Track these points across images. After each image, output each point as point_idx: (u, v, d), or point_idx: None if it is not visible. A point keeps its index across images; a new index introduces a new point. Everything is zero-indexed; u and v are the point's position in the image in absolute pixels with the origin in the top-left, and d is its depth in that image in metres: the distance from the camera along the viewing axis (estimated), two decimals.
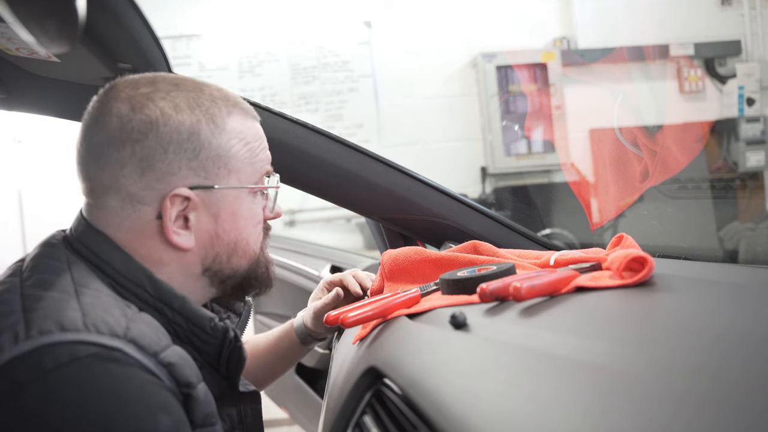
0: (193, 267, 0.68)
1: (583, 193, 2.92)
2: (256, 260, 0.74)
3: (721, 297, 0.59)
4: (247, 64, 3.20)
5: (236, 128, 0.69)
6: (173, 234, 0.65)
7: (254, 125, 0.72)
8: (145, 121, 0.63)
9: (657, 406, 0.34)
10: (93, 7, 0.52)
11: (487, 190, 3.25)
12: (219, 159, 0.67)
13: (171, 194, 0.64)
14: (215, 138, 0.66)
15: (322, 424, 0.67)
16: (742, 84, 3.10)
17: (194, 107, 0.66)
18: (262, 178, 0.73)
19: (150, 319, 0.61)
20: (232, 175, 0.68)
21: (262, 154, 0.73)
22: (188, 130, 0.65)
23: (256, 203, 0.72)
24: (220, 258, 0.69)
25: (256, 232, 0.73)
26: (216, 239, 0.68)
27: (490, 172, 3.22)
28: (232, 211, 0.68)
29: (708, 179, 2.95)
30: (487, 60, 3.19)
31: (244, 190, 0.70)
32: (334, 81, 3.25)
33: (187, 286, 0.68)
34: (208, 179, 0.66)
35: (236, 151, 0.68)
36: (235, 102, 0.70)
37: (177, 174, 0.64)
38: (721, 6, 3.32)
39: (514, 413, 0.37)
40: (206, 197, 0.66)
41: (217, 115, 0.67)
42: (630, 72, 3.27)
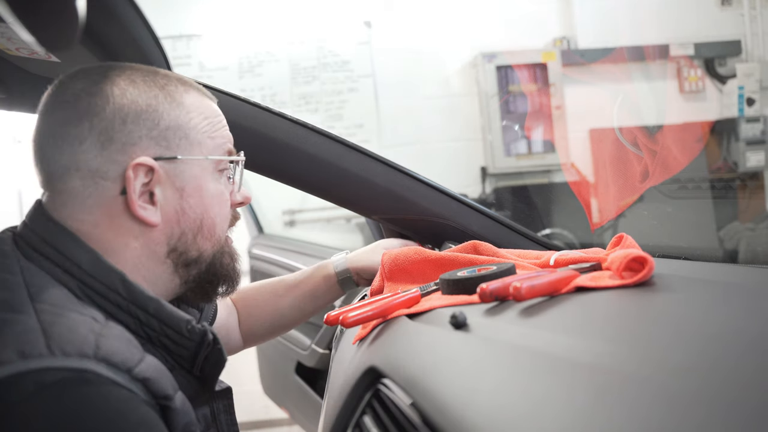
0: (159, 248, 0.66)
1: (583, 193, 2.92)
2: (220, 247, 0.71)
3: (721, 297, 0.59)
4: (247, 64, 3.20)
5: (194, 104, 0.68)
6: (139, 208, 0.63)
7: (212, 104, 0.72)
8: (101, 95, 0.62)
9: (657, 406, 0.34)
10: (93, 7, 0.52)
11: (487, 190, 3.25)
12: (179, 129, 0.66)
13: (133, 164, 0.62)
14: (173, 110, 0.66)
15: (322, 424, 0.67)
16: (742, 84, 3.10)
17: (150, 83, 0.65)
18: (225, 155, 0.71)
19: (120, 331, 0.57)
20: (194, 147, 0.67)
21: (223, 130, 0.71)
22: (145, 102, 0.64)
23: (221, 183, 0.70)
24: (186, 237, 0.67)
25: (223, 213, 0.71)
26: (182, 215, 0.66)
27: (490, 172, 3.22)
28: (197, 185, 0.67)
29: (708, 179, 2.95)
30: (487, 60, 3.19)
31: (209, 164, 0.68)
32: (334, 81, 3.25)
33: (152, 272, 0.66)
34: (170, 150, 0.65)
35: (196, 123, 0.67)
36: (191, 83, 0.70)
37: (138, 144, 0.63)
38: (721, 6, 3.32)
39: (513, 413, 0.37)
40: (170, 169, 0.65)
41: (173, 92, 0.67)
42: (630, 72, 3.27)
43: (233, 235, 0.77)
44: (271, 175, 1.02)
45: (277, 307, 1.00)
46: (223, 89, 0.97)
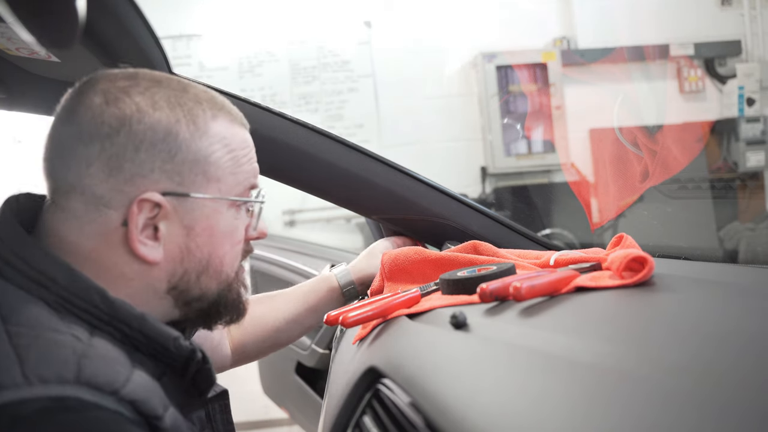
0: (159, 284, 0.61)
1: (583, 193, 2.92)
2: (228, 285, 0.66)
3: (720, 297, 0.59)
4: (247, 64, 3.20)
5: (220, 133, 0.62)
6: (139, 244, 0.58)
7: (241, 133, 0.66)
8: (118, 116, 0.57)
9: (657, 406, 0.34)
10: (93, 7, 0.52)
11: (487, 190, 3.24)
12: (197, 164, 0.60)
13: (139, 198, 0.57)
14: (195, 141, 0.60)
15: (322, 424, 0.67)
16: (742, 84, 3.10)
17: (174, 106, 0.60)
18: (246, 191, 0.66)
19: (105, 348, 0.53)
20: (211, 184, 0.61)
21: (248, 165, 0.66)
22: (165, 129, 0.58)
23: (238, 219, 0.65)
24: (189, 276, 0.62)
25: (234, 252, 0.66)
26: (187, 254, 0.61)
27: (490, 172, 3.22)
28: (208, 225, 0.62)
29: (708, 179, 2.95)
30: (487, 60, 3.19)
31: (224, 202, 0.63)
32: (334, 81, 3.25)
33: (147, 305, 0.61)
34: (183, 186, 0.60)
35: (218, 157, 0.62)
36: (222, 105, 0.64)
37: (148, 177, 0.58)
38: (721, 6, 3.32)
39: (514, 413, 0.37)
40: (180, 206, 0.60)
41: (199, 117, 0.61)
42: (630, 72, 3.27)
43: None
44: (271, 175, 1.02)
45: (276, 321, 0.96)
46: (223, 89, 0.97)
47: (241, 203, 0.65)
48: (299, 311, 0.96)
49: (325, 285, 0.97)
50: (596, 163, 3.18)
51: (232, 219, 0.64)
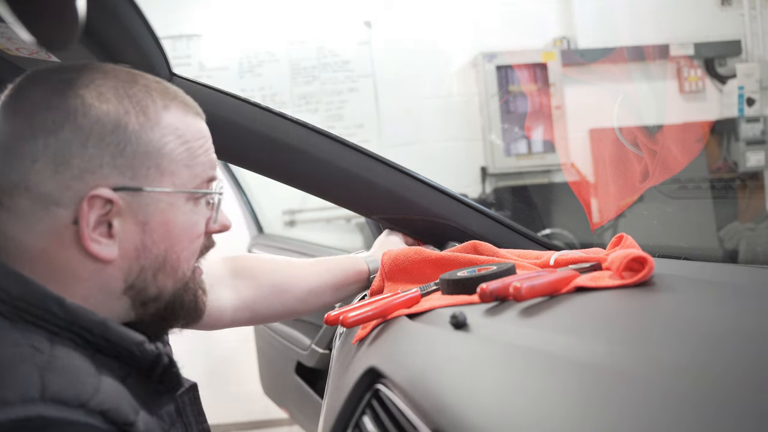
0: (115, 283, 0.58)
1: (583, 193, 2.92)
2: (184, 284, 0.63)
3: (720, 297, 0.59)
4: (247, 64, 3.20)
5: (172, 123, 0.60)
6: (91, 242, 0.55)
7: (196, 123, 0.63)
8: (62, 109, 0.55)
9: (657, 406, 0.34)
10: (93, 7, 0.52)
11: (487, 190, 3.24)
12: (149, 157, 0.58)
13: (89, 195, 0.54)
14: (146, 133, 0.57)
15: (322, 424, 0.67)
16: (742, 84, 3.10)
17: (123, 97, 0.57)
18: (204, 183, 0.63)
19: (68, 356, 0.51)
20: (165, 178, 0.59)
21: (204, 156, 0.63)
22: (113, 121, 0.56)
23: (196, 213, 0.62)
24: (145, 274, 0.59)
25: (192, 247, 0.63)
26: (143, 251, 0.59)
27: (490, 172, 3.22)
28: (164, 220, 0.59)
29: (708, 179, 2.95)
30: (487, 60, 3.19)
31: (180, 195, 0.60)
32: (334, 81, 3.25)
33: (105, 306, 0.58)
34: (135, 180, 0.57)
35: (171, 149, 0.59)
36: (175, 95, 0.62)
37: (98, 172, 0.55)
38: (721, 6, 3.32)
39: (513, 413, 0.37)
40: (133, 201, 0.57)
41: (150, 108, 0.58)
42: (630, 72, 3.27)
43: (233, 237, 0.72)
44: (271, 175, 1.02)
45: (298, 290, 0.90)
46: (223, 89, 0.97)
47: (200, 196, 0.63)
48: (323, 287, 0.92)
49: (354, 267, 0.94)
50: (596, 163, 3.19)
51: (190, 213, 0.62)
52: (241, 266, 0.90)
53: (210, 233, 0.66)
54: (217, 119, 0.96)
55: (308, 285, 0.91)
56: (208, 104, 0.95)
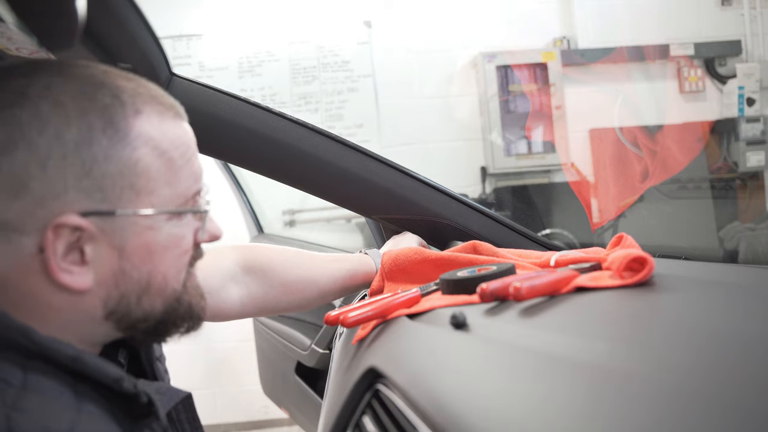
0: (94, 311, 0.52)
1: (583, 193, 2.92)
2: (176, 299, 0.57)
3: (721, 297, 0.59)
4: (247, 64, 3.20)
5: (146, 133, 0.51)
6: (61, 272, 0.49)
7: (174, 128, 0.54)
8: (12, 126, 0.47)
9: (657, 406, 0.34)
10: (93, 7, 0.52)
11: (487, 190, 3.25)
12: (121, 176, 0.50)
13: (54, 224, 0.47)
14: (114, 148, 0.50)
15: (322, 424, 0.67)
16: (742, 84, 3.10)
17: (85, 107, 0.49)
18: (188, 200, 0.56)
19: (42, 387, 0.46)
20: (142, 198, 0.51)
21: (186, 168, 0.55)
22: (75, 138, 0.48)
23: (181, 227, 0.55)
24: (128, 299, 0.53)
25: (179, 263, 0.56)
26: (121, 277, 0.52)
27: (490, 172, 3.22)
28: (143, 243, 0.52)
29: (708, 179, 2.96)
30: (487, 60, 3.19)
31: (160, 216, 0.53)
32: (334, 81, 3.25)
33: (87, 332, 0.53)
34: (106, 202, 0.50)
35: (146, 165, 0.51)
36: (150, 97, 0.53)
37: (62, 196, 0.48)
38: (721, 6, 3.32)
39: (513, 413, 0.37)
40: (106, 225, 0.50)
41: (117, 116, 0.50)
42: (630, 72, 3.27)
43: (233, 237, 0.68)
44: (272, 175, 1.02)
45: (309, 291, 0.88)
46: (223, 89, 0.97)
47: (184, 212, 0.55)
48: (333, 289, 0.90)
49: (363, 269, 0.91)
50: (596, 163, 3.19)
51: (173, 230, 0.55)
52: (254, 260, 0.86)
53: (198, 245, 0.60)
54: (217, 119, 0.96)
55: (318, 286, 0.89)
56: (208, 104, 0.95)
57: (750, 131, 3.03)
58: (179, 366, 3.21)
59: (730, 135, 3.08)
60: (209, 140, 0.98)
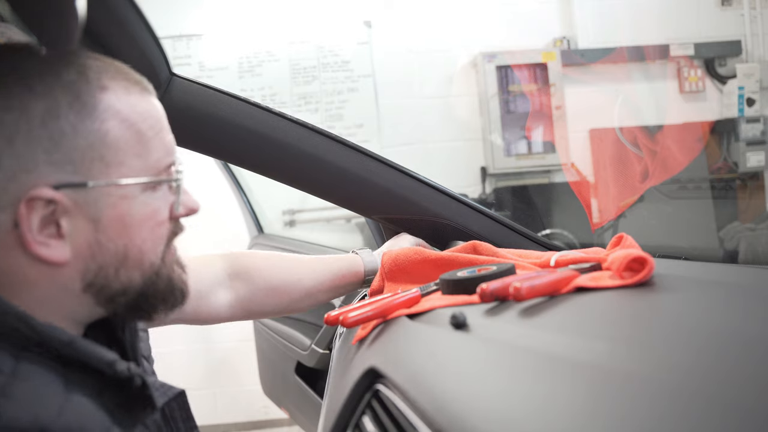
0: (72, 284, 0.53)
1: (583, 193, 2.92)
2: (155, 272, 0.57)
3: (721, 297, 0.59)
4: (247, 64, 3.20)
5: (113, 106, 0.52)
6: (37, 245, 0.50)
7: (142, 102, 0.55)
8: None
9: (657, 406, 0.34)
10: (93, 7, 0.52)
11: (487, 190, 3.25)
12: (91, 149, 0.51)
13: (27, 197, 0.49)
14: (82, 120, 0.51)
15: (322, 425, 0.67)
16: (742, 84, 3.10)
17: (51, 83, 0.50)
18: (161, 171, 0.56)
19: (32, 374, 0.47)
20: (112, 170, 0.52)
21: (156, 140, 0.56)
22: (41, 113, 0.49)
23: (156, 199, 0.56)
24: (106, 271, 0.54)
25: (155, 236, 0.57)
26: (98, 249, 0.53)
27: (490, 172, 3.22)
28: (117, 214, 0.53)
29: (708, 179, 2.96)
30: (487, 60, 3.19)
31: (133, 187, 0.54)
32: (334, 81, 3.25)
33: (67, 308, 0.54)
34: (77, 174, 0.51)
35: (115, 136, 0.52)
36: (116, 72, 0.54)
37: (33, 171, 0.49)
38: (721, 6, 3.32)
39: (514, 413, 0.37)
40: (79, 198, 0.51)
41: (83, 91, 0.51)
42: (630, 72, 3.27)
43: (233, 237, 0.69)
44: (272, 175, 1.02)
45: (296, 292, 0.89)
46: (223, 89, 0.97)
47: (156, 184, 0.56)
48: (319, 288, 0.91)
49: (350, 268, 0.92)
50: (596, 163, 3.19)
51: (148, 202, 0.55)
52: (240, 265, 0.89)
53: (176, 218, 0.60)
54: (217, 119, 0.96)
55: (304, 287, 0.91)
56: (208, 104, 0.95)
57: (750, 131, 3.03)
58: (179, 366, 3.21)
59: (730, 135, 3.08)
60: (209, 140, 0.98)
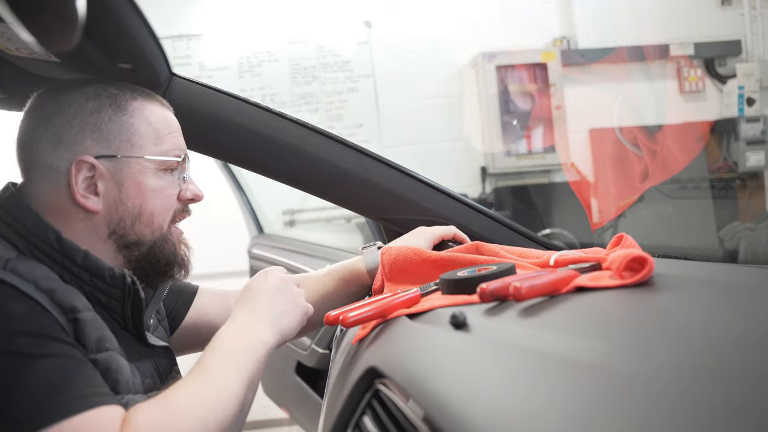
0: (100, 229, 0.75)
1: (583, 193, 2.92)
2: (162, 235, 0.79)
3: (721, 297, 0.59)
4: (247, 64, 3.20)
5: (138, 108, 0.77)
6: (80, 197, 0.73)
7: (159, 110, 0.80)
8: (54, 104, 0.75)
9: (656, 406, 0.34)
10: (93, 7, 0.52)
11: (487, 190, 3.25)
12: (121, 133, 0.75)
13: (76, 161, 0.73)
14: (117, 115, 0.76)
15: (322, 424, 0.67)
16: (742, 84, 3.10)
17: (100, 93, 0.76)
18: (173, 161, 0.79)
19: (42, 267, 0.67)
20: (135, 150, 0.76)
21: (169, 138, 0.79)
22: (91, 108, 0.74)
23: (164, 180, 0.79)
24: (124, 223, 0.76)
25: (164, 205, 0.78)
26: (120, 205, 0.75)
27: (490, 172, 3.22)
28: (135, 182, 0.76)
29: (708, 179, 2.95)
30: (487, 60, 3.19)
31: (150, 163, 0.77)
32: (334, 81, 3.25)
33: (96, 249, 0.74)
34: (110, 150, 0.75)
35: (138, 127, 0.77)
36: (142, 91, 0.80)
37: (82, 144, 0.74)
38: (721, 6, 3.32)
39: (514, 413, 0.37)
40: (111, 166, 0.75)
41: (120, 97, 0.77)
42: (630, 72, 3.27)
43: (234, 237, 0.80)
44: (272, 175, 1.02)
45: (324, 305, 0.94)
46: (223, 89, 0.97)
47: (167, 166, 0.79)
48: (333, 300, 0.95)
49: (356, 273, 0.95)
50: (596, 163, 3.19)
51: (158, 179, 0.78)
52: None
53: (184, 201, 0.82)
54: (217, 119, 0.96)
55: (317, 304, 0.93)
56: (208, 104, 0.95)
57: (750, 131, 3.03)
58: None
59: (730, 135, 3.08)
60: (209, 140, 0.98)
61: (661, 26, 3.23)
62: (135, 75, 0.86)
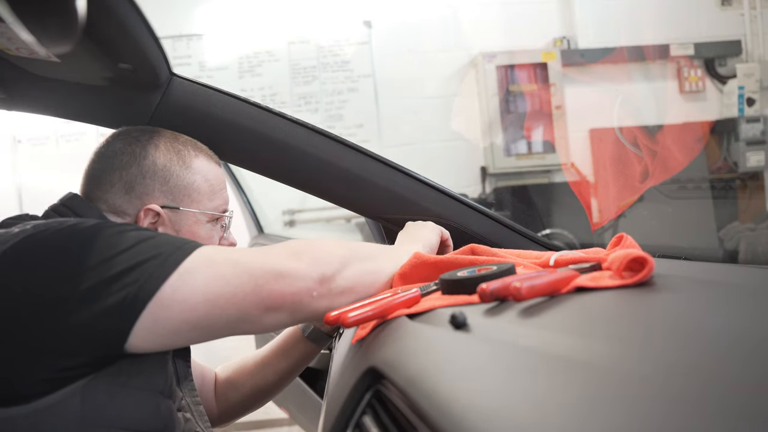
0: None
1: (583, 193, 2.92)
2: None
3: (720, 297, 0.59)
4: (247, 64, 3.20)
5: (200, 167, 0.89)
6: None
7: (215, 168, 0.92)
8: (131, 154, 0.85)
9: (656, 406, 0.34)
10: (93, 7, 0.52)
11: (487, 190, 3.25)
12: (184, 189, 0.87)
13: (145, 208, 0.84)
14: (182, 172, 0.87)
15: (322, 424, 0.67)
16: (742, 84, 3.10)
17: (169, 148, 0.87)
18: (220, 214, 0.91)
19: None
20: (194, 204, 0.88)
21: (220, 193, 0.91)
22: (162, 164, 0.85)
23: (212, 230, 0.91)
24: None
25: None
26: None
27: (490, 172, 3.22)
28: (190, 231, 0.88)
29: (708, 179, 2.95)
30: (487, 60, 3.19)
31: (203, 215, 0.89)
32: (334, 81, 3.25)
33: None
34: (174, 202, 0.86)
35: (199, 185, 0.88)
36: (202, 148, 0.91)
37: (151, 195, 0.85)
38: (721, 6, 3.32)
39: (514, 413, 0.37)
40: (172, 216, 0.86)
41: (186, 155, 0.88)
42: (630, 72, 3.27)
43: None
44: (271, 175, 1.02)
45: (252, 364, 1.10)
46: (223, 89, 0.97)
47: (215, 218, 0.91)
48: (268, 354, 1.09)
49: (293, 337, 1.08)
50: (596, 163, 3.19)
51: (208, 230, 0.90)
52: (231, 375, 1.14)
53: (221, 245, 0.92)
54: (217, 119, 0.96)
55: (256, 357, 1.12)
56: (208, 104, 0.95)
57: (750, 131, 3.03)
58: None
59: (730, 135, 3.08)
60: (209, 140, 0.98)
61: (661, 26, 3.23)
62: (135, 75, 0.86)
